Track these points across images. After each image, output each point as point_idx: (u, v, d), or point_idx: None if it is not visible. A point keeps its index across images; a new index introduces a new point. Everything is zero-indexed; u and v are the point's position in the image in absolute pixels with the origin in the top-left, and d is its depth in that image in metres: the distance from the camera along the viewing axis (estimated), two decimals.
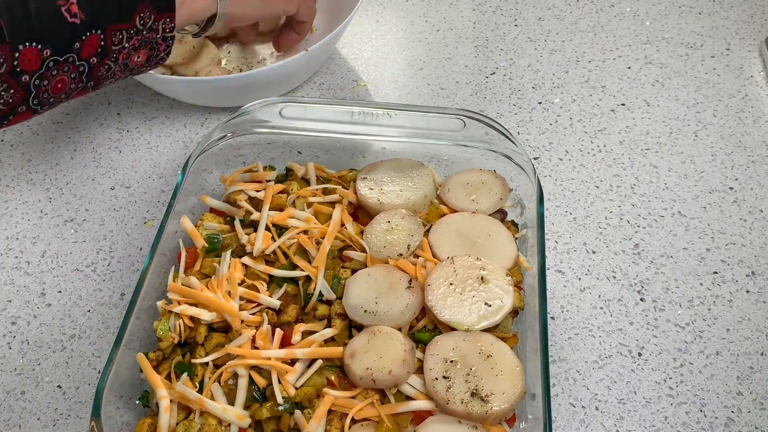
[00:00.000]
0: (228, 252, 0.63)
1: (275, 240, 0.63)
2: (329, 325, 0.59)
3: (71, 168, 0.83)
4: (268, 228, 0.64)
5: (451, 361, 0.54)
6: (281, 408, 0.53)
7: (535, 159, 0.81)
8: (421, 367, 0.55)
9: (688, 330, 0.66)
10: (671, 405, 0.61)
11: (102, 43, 0.56)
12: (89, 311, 0.70)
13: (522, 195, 0.68)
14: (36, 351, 0.67)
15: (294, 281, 0.62)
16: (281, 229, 0.64)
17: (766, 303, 0.68)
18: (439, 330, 0.58)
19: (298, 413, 0.53)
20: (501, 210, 0.67)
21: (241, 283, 0.61)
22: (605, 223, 0.75)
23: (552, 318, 0.67)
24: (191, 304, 0.59)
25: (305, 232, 0.64)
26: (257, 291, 0.60)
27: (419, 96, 0.89)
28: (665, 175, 0.79)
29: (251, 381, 0.55)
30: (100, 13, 0.55)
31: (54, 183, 0.82)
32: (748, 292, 0.69)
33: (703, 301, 0.68)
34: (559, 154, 0.82)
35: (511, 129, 0.84)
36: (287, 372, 0.55)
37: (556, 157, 0.81)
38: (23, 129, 0.87)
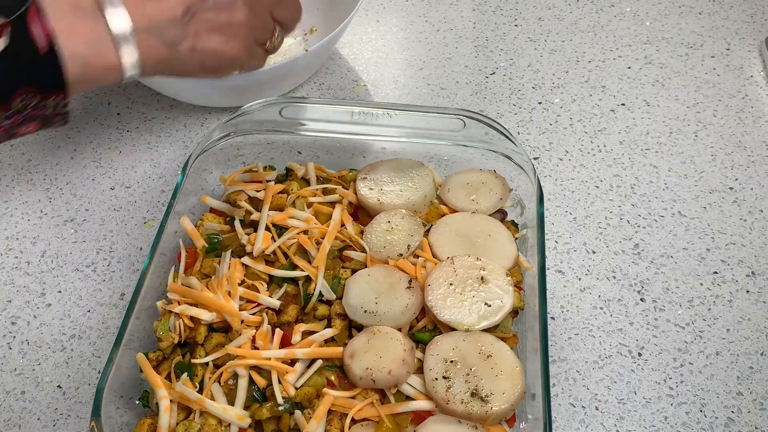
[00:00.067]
0: (228, 252, 0.63)
1: (275, 240, 0.63)
2: (329, 325, 0.59)
3: (71, 168, 0.83)
4: (268, 228, 0.64)
5: (451, 361, 0.54)
6: (281, 408, 0.53)
7: (535, 159, 0.81)
8: (421, 367, 0.55)
9: (688, 330, 0.66)
10: (671, 405, 0.61)
11: None
12: (89, 311, 0.70)
13: (522, 195, 0.68)
14: (36, 351, 0.67)
15: (294, 281, 0.62)
16: (281, 229, 0.64)
17: (766, 303, 0.68)
18: (439, 330, 0.58)
19: (298, 413, 0.53)
20: (501, 210, 0.67)
21: (241, 283, 0.61)
22: (605, 223, 0.75)
23: (552, 318, 0.67)
24: (191, 304, 0.59)
25: (305, 232, 0.64)
26: (257, 291, 0.60)
27: (419, 96, 0.89)
28: (665, 175, 0.79)
29: (251, 381, 0.55)
30: None
31: (54, 183, 0.82)
32: (748, 292, 0.69)
33: (703, 301, 0.68)
34: (559, 154, 0.82)
35: (511, 129, 0.84)
36: (287, 372, 0.55)
37: (556, 157, 0.81)
38: None
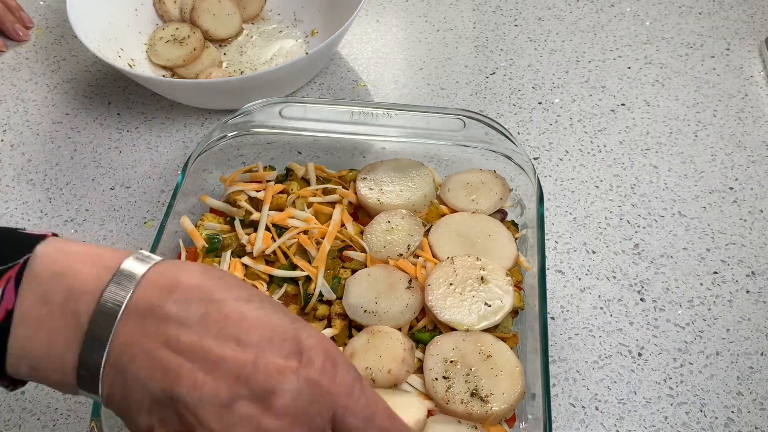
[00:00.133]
0: (228, 252, 0.63)
1: (275, 240, 0.63)
2: (329, 325, 0.59)
3: (71, 168, 0.83)
4: (268, 228, 0.64)
5: (451, 361, 0.54)
6: None
7: (535, 159, 0.81)
8: (421, 367, 0.55)
9: (688, 330, 0.66)
10: (671, 405, 0.61)
11: None
12: None
13: (522, 195, 0.68)
14: None
15: (294, 281, 0.62)
16: (281, 229, 0.64)
17: (766, 303, 0.68)
18: (439, 330, 0.58)
19: None
20: (501, 210, 0.67)
21: None
22: (605, 223, 0.75)
23: (552, 318, 0.67)
24: None
25: (305, 232, 0.64)
26: None
27: (419, 96, 0.89)
28: (665, 175, 0.79)
29: None
30: None
31: (54, 183, 0.82)
32: (748, 292, 0.69)
33: (703, 301, 0.68)
34: (559, 154, 0.82)
35: (511, 129, 0.84)
36: None
37: (556, 157, 0.81)
38: (23, 129, 0.87)
